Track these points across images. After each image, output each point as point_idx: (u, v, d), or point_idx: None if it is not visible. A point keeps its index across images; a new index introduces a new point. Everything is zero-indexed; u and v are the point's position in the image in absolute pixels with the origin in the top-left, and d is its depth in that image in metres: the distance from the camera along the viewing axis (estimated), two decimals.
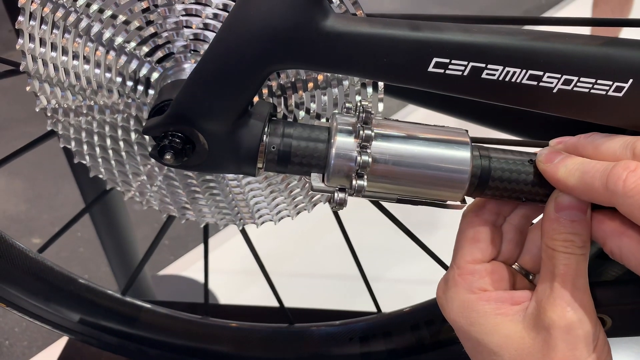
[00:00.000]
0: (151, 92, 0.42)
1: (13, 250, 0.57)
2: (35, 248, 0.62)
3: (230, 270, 1.38)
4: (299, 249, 1.45)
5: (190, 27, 0.39)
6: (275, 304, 0.69)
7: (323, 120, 0.43)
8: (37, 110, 0.45)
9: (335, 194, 0.36)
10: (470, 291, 0.37)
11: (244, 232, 0.60)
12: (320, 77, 0.41)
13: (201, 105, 0.34)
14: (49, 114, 0.45)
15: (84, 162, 0.49)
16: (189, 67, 0.40)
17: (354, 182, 0.35)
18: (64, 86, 0.43)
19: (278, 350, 0.67)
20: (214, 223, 0.53)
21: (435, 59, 0.32)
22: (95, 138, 0.46)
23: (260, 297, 0.72)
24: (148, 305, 0.67)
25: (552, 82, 0.33)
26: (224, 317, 0.68)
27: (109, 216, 1.04)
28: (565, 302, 0.34)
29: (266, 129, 0.36)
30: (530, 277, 0.40)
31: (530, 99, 0.34)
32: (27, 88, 0.44)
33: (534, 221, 0.40)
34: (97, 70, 0.42)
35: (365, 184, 0.35)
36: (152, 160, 0.47)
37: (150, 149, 0.46)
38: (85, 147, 0.48)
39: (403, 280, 1.31)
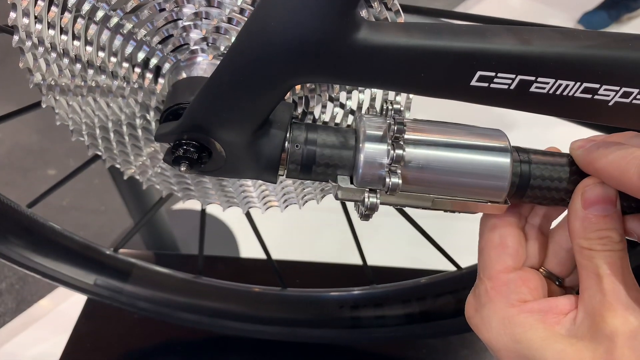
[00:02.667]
0: (161, 80, 0.38)
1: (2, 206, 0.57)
2: (52, 180, 0.60)
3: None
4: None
5: (209, 19, 0.35)
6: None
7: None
8: (31, 87, 0.41)
9: (366, 198, 0.33)
10: (509, 305, 0.34)
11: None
12: None
13: (218, 116, 0.31)
14: (44, 92, 0.41)
15: (82, 139, 0.46)
16: (204, 60, 0.36)
17: (387, 180, 0.32)
18: (63, 66, 0.39)
19: (267, 310, 0.69)
20: (219, 205, 0.51)
21: (479, 73, 0.29)
22: (96, 120, 0.43)
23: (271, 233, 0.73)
24: (140, 262, 0.69)
25: (608, 95, 0.30)
26: (219, 271, 0.69)
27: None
28: (624, 305, 0.30)
29: (288, 135, 0.33)
30: (558, 282, 0.37)
31: (582, 112, 0.31)
32: (20, 64, 0.40)
33: (555, 221, 0.38)
34: (101, 54, 0.38)
35: (400, 181, 0.32)
36: (157, 143, 0.44)
37: (155, 132, 0.44)
38: (83, 126, 0.44)
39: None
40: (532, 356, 0.32)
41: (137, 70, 0.38)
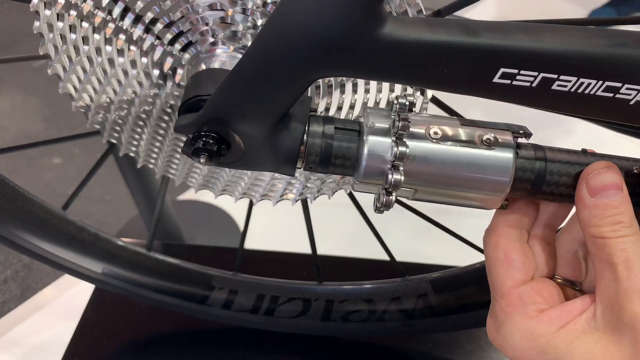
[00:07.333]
0: (191, 50, 0.38)
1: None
2: (56, 168, 0.59)
3: None
4: None
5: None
6: None
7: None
8: None
9: (389, 174, 0.32)
10: (527, 317, 0.33)
11: None
12: None
13: (238, 109, 0.32)
14: None
15: (49, 54, 0.41)
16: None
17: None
18: None
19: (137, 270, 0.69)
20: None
21: (502, 70, 0.29)
22: (85, 48, 0.40)
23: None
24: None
25: (630, 94, 0.30)
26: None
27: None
28: None
29: (306, 128, 0.33)
30: (577, 288, 0.37)
31: (603, 111, 0.31)
32: None
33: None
34: (140, 3, 0.37)
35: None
36: (135, 93, 0.43)
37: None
38: (64, 47, 0.41)
39: None
40: None
41: (170, 32, 0.38)
